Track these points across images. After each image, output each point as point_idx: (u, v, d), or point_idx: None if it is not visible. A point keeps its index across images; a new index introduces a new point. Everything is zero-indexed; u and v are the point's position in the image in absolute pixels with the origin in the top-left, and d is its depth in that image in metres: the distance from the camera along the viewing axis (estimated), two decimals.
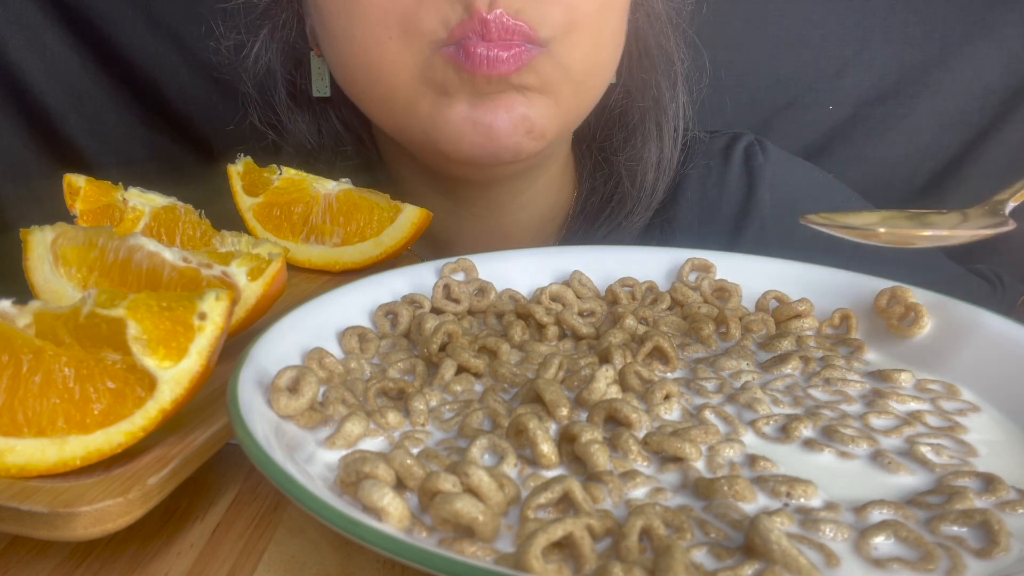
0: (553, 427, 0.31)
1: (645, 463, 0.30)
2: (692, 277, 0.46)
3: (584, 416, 0.33)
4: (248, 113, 0.63)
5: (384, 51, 0.50)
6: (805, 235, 0.64)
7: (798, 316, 0.42)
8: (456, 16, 0.48)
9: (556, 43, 0.50)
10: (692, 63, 0.63)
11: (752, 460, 0.30)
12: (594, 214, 0.63)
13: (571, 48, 0.51)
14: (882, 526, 0.26)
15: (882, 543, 0.25)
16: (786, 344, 0.40)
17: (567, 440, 0.30)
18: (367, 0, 0.49)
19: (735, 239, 0.64)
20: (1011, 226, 0.37)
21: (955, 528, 0.26)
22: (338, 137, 0.64)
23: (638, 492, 0.28)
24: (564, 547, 0.24)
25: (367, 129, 0.64)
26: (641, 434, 0.31)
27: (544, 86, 0.51)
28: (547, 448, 0.29)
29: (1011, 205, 0.38)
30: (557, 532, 0.24)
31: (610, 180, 0.63)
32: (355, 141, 0.64)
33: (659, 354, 0.38)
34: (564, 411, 0.32)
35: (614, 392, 0.34)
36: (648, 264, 0.47)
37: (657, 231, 0.64)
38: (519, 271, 0.46)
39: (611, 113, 0.59)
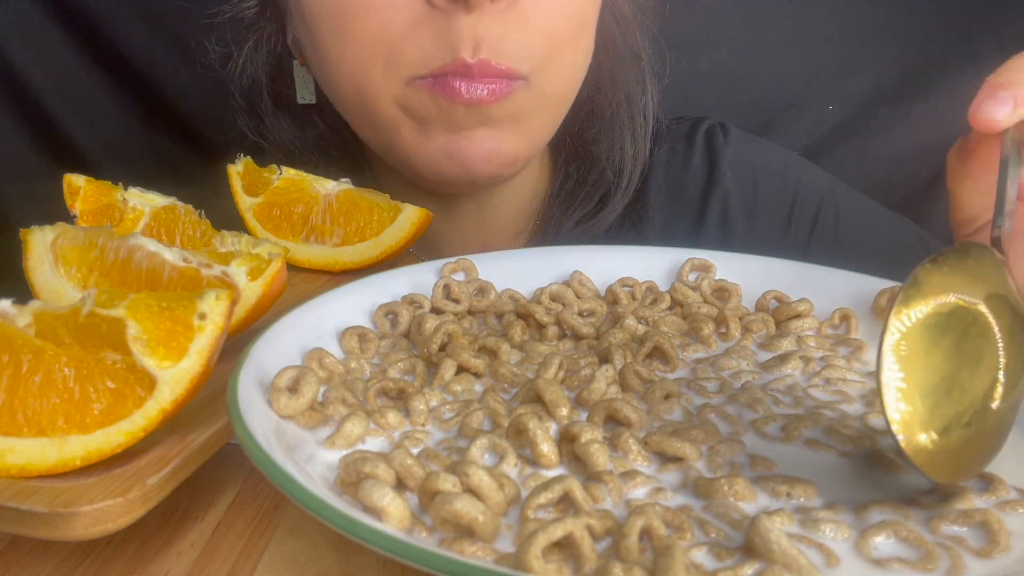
0: (553, 427, 0.31)
1: (645, 463, 0.30)
2: (692, 277, 0.46)
3: (584, 416, 0.33)
4: (238, 121, 0.64)
5: (369, 76, 0.52)
6: (767, 210, 0.65)
7: (798, 316, 0.42)
8: (440, 58, 0.49)
9: (536, 74, 0.52)
10: (656, 55, 0.65)
11: (752, 460, 0.30)
12: (569, 199, 0.65)
13: (550, 76, 0.53)
14: (882, 526, 0.26)
15: (882, 543, 0.25)
16: (786, 344, 0.40)
17: (567, 440, 0.30)
18: (358, 27, 0.51)
19: (701, 217, 0.66)
20: None
21: (955, 528, 0.26)
22: (322, 140, 0.65)
23: (638, 492, 0.28)
24: (564, 547, 0.24)
25: (351, 132, 0.65)
26: (641, 434, 0.31)
27: (518, 116, 0.53)
28: (547, 448, 0.29)
29: None
30: (557, 532, 0.24)
31: (582, 166, 0.65)
32: (339, 143, 0.65)
33: (659, 354, 0.38)
34: (564, 411, 0.32)
35: (614, 392, 0.34)
36: (648, 264, 0.47)
37: (631, 212, 0.66)
38: (519, 271, 0.46)
39: (582, 107, 0.60)
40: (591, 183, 0.64)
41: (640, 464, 0.30)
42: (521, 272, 0.46)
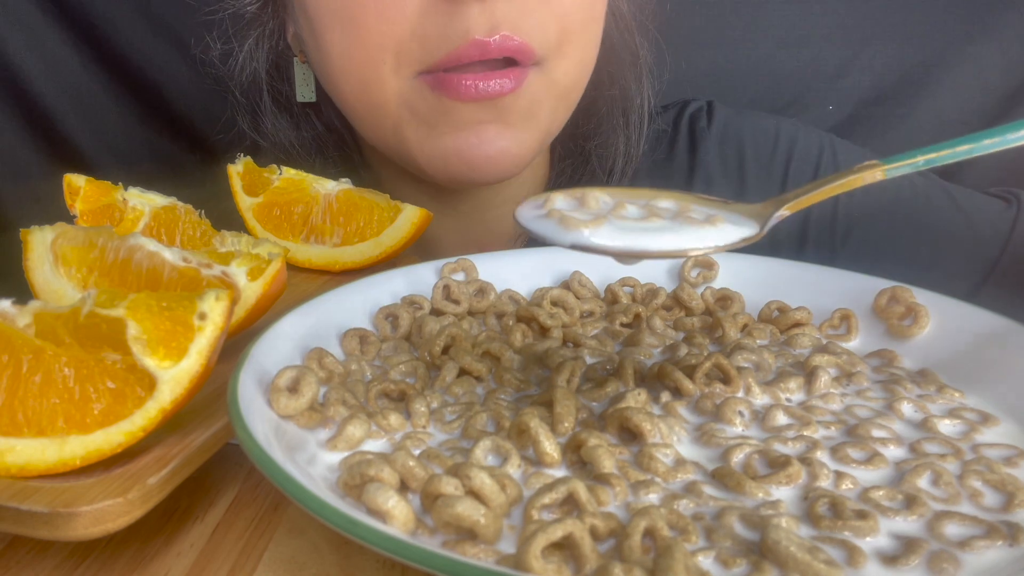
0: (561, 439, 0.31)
1: (672, 481, 0.29)
2: (694, 273, 0.46)
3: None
4: (237, 119, 0.64)
5: (377, 71, 0.51)
6: (759, 171, 0.65)
7: (798, 324, 0.42)
8: (450, 44, 0.49)
9: (549, 60, 0.52)
10: (654, 56, 0.65)
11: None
12: None
13: (562, 64, 0.53)
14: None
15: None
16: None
17: (573, 449, 0.30)
18: (367, 25, 0.50)
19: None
20: (758, 236, 0.33)
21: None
22: (320, 140, 0.65)
23: (650, 498, 0.28)
24: (565, 547, 0.24)
25: (350, 132, 0.65)
26: (655, 440, 0.31)
27: (530, 108, 0.52)
28: (549, 446, 0.29)
29: (783, 213, 0.34)
30: (557, 532, 0.24)
31: (574, 163, 0.65)
32: (337, 144, 0.65)
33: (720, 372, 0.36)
34: (567, 424, 0.31)
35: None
36: (648, 264, 0.47)
37: None
38: (519, 271, 0.46)
39: (579, 105, 0.60)
40: (581, 181, 0.64)
41: (663, 480, 0.29)
42: (521, 272, 0.46)
